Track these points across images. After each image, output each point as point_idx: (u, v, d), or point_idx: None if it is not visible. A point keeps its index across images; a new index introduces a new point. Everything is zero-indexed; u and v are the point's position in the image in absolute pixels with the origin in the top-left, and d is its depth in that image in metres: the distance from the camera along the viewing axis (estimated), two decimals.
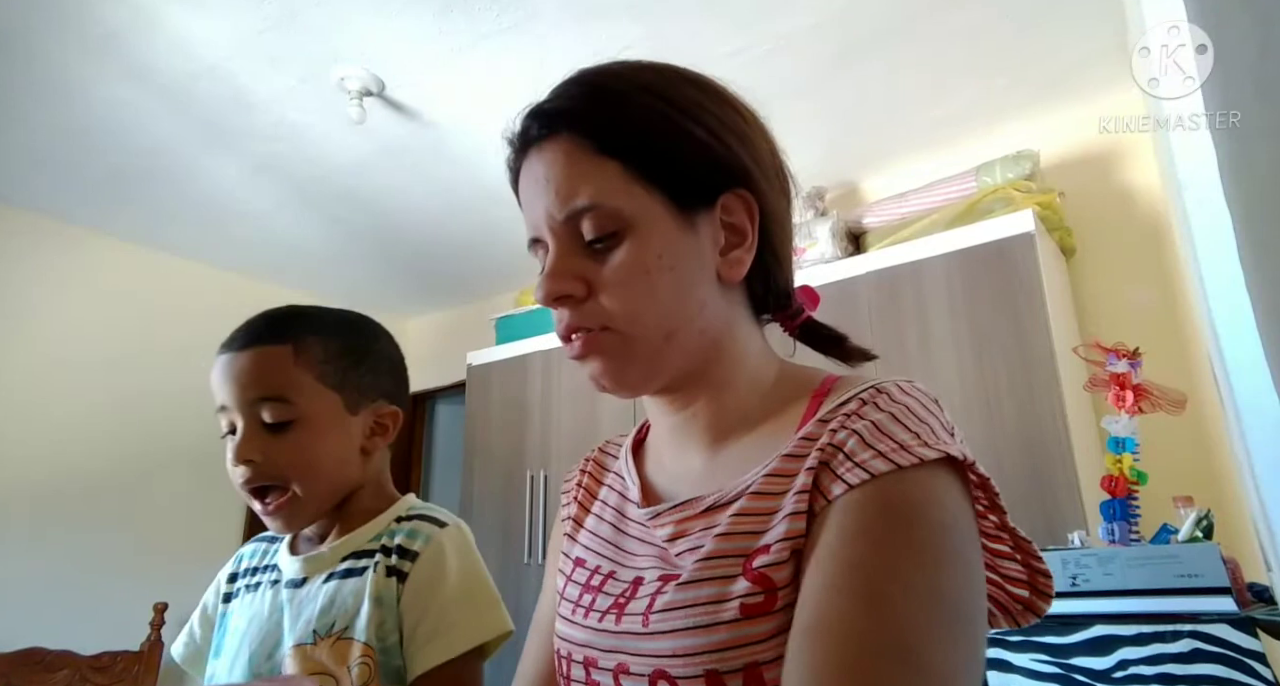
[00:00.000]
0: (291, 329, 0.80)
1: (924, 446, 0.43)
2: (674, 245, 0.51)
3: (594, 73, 0.55)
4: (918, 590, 0.39)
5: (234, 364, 0.78)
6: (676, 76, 0.55)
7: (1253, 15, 0.50)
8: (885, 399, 0.47)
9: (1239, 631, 1.02)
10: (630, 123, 0.52)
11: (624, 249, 0.51)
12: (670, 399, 0.57)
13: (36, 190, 2.61)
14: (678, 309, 0.52)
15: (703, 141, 0.52)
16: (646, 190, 0.51)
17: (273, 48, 1.95)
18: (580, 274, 0.51)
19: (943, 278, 2.02)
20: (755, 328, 0.59)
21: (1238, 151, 0.58)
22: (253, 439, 0.76)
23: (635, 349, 0.52)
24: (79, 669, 2.32)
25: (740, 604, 0.44)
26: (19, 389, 2.63)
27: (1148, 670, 1.05)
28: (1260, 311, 0.57)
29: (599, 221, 0.51)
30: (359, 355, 0.84)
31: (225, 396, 0.78)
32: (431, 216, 2.89)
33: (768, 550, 0.45)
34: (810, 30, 1.93)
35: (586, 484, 0.67)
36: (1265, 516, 0.90)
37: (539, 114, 0.54)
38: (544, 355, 2.83)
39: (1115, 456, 1.33)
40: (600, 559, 0.58)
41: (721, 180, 0.53)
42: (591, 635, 0.52)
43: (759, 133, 0.57)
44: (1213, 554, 1.09)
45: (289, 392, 0.77)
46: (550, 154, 0.53)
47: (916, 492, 0.42)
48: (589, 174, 0.51)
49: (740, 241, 0.54)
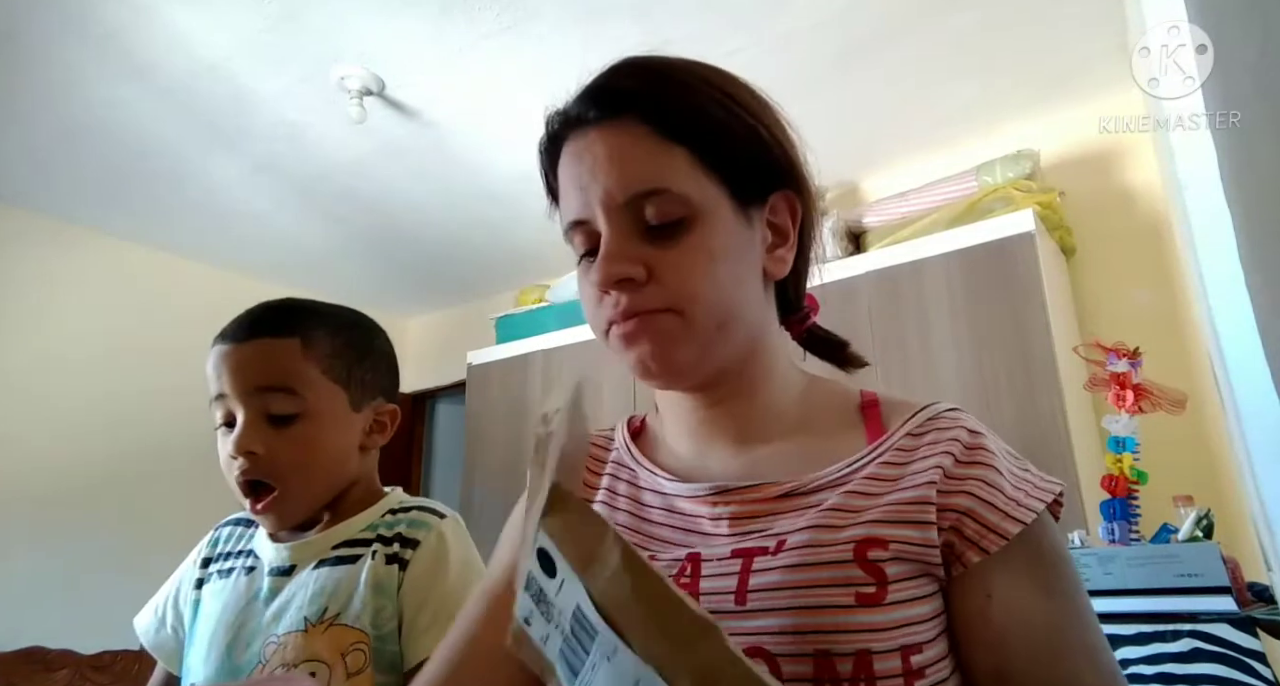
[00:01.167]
0: (299, 321, 0.79)
1: (1030, 498, 0.51)
2: (734, 237, 0.52)
3: (655, 60, 0.55)
4: (1091, 625, 0.49)
5: (239, 353, 0.76)
6: (727, 73, 0.57)
7: (1253, 15, 0.50)
8: (982, 438, 0.53)
9: (1239, 631, 1.02)
10: (700, 112, 0.52)
11: (692, 236, 0.50)
12: (704, 394, 0.57)
13: (36, 190, 2.61)
14: (732, 300, 0.52)
15: (764, 139, 0.54)
16: (712, 180, 0.52)
17: (273, 47, 1.95)
18: (640, 257, 0.50)
19: (943, 277, 2.02)
20: (782, 329, 0.61)
21: (1238, 151, 0.58)
22: (255, 430, 0.74)
23: (691, 332, 0.51)
24: (79, 668, 2.33)
25: (856, 592, 0.46)
26: (19, 388, 2.63)
27: (1147, 669, 1.05)
28: (1260, 311, 0.57)
29: (666, 206, 0.50)
30: (362, 351, 0.83)
31: (226, 386, 0.75)
32: (431, 216, 2.89)
33: (884, 545, 0.48)
34: (810, 30, 1.93)
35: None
36: (1265, 516, 0.90)
37: (603, 93, 0.54)
38: (544, 355, 2.83)
39: (1115, 456, 1.33)
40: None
41: (774, 179, 0.55)
42: None
43: (798, 137, 0.59)
44: (1213, 553, 1.09)
45: (297, 385, 0.76)
46: (615, 135, 0.52)
47: (1056, 536, 0.52)
48: (658, 158, 0.51)
49: (783, 241, 0.56)
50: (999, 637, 0.47)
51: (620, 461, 0.64)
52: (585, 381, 0.49)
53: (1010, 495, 0.50)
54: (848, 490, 0.51)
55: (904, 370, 1.98)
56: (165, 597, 0.85)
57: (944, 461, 0.50)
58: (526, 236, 2.98)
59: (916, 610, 0.47)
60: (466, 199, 2.75)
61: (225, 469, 0.76)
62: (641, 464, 0.62)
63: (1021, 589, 0.48)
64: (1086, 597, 0.50)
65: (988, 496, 0.49)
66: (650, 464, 0.61)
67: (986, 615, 0.48)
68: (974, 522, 0.49)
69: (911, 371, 1.97)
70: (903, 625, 0.46)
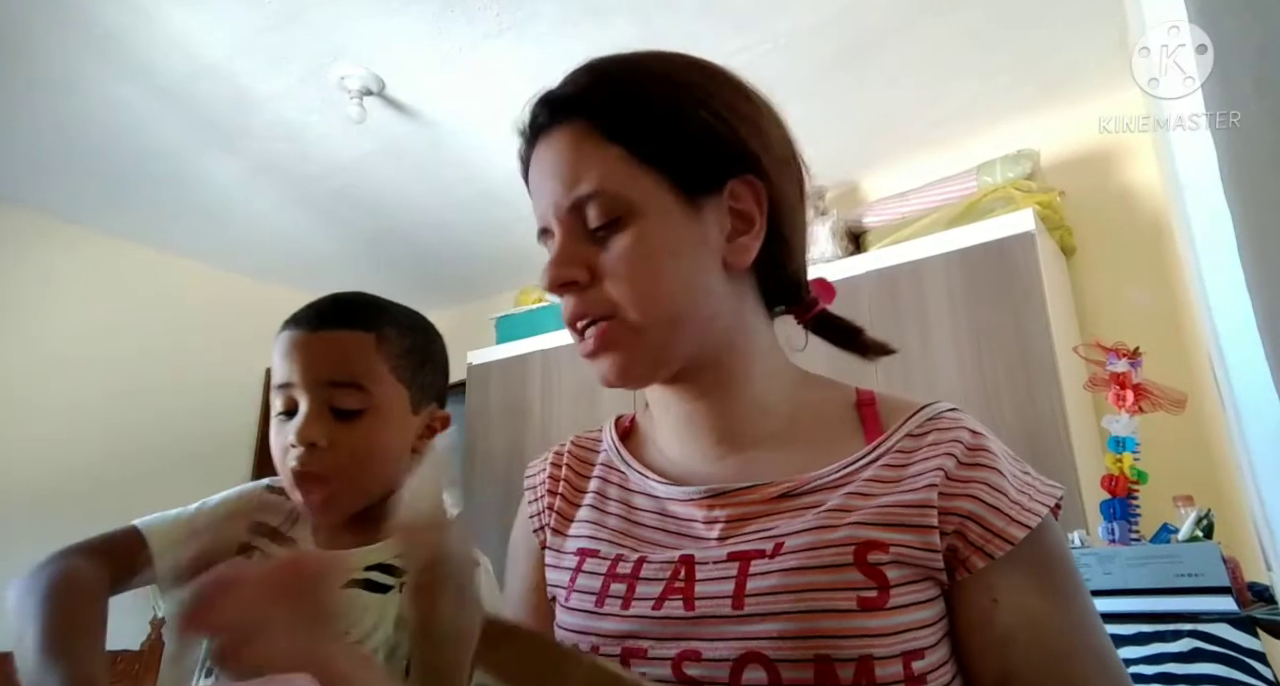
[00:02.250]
0: (374, 317, 0.78)
1: (1034, 502, 0.50)
2: (677, 231, 0.51)
3: (602, 60, 0.55)
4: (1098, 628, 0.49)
5: (311, 343, 0.74)
6: (683, 62, 0.55)
7: (1253, 15, 0.50)
8: (982, 437, 0.52)
9: (1239, 631, 1.02)
10: (634, 107, 0.51)
11: (627, 235, 0.50)
12: (681, 388, 0.56)
13: (36, 190, 2.61)
14: (683, 295, 0.51)
15: (708, 125, 0.52)
16: (651, 175, 0.51)
17: (273, 47, 1.95)
18: (585, 260, 0.51)
19: (943, 277, 2.02)
20: (766, 320, 0.58)
21: (1238, 151, 0.58)
22: (318, 422, 0.72)
23: (643, 338, 0.51)
24: None
25: (858, 596, 0.45)
26: (18, 388, 2.63)
27: (1148, 669, 1.05)
28: (1260, 311, 0.57)
29: (603, 208, 0.50)
30: (425, 355, 0.81)
31: (293, 375, 0.73)
32: (431, 216, 2.89)
33: (884, 548, 0.47)
34: (810, 30, 1.93)
35: (567, 476, 0.65)
36: (1265, 516, 0.90)
37: (546, 101, 0.54)
38: (544, 355, 2.83)
39: (1115, 456, 1.33)
40: (617, 548, 0.56)
41: (729, 165, 0.53)
42: (638, 624, 0.50)
43: (769, 119, 0.56)
44: (1213, 553, 1.09)
45: (367, 381, 0.74)
46: (558, 141, 0.53)
47: (1059, 535, 0.51)
48: (593, 160, 0.51)
49: (747, 228, 0.53)
50: (1005, 641, 0.46)
51: (609, 463, 0.63)
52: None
53: (1014, 499, 0.49)
54: (849, 491, 0.50)
55: (904, 370, 1.98)
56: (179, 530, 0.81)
57: (946, 463, 0.50)
58: (526, 236, 2.94)
59: (919, 615, 0.46)
60: (466, 199, 2.74)
61: (278, 457, 0.74)
62: (631, 466, 0.61)
63: (1027, 592, 0.47)
64: (1090, 600, 0.50)
65: (992, 500, 0.48)
66: (640, 466, 0.60)
67: (992, 619, 0.47)
68: (979, 527, 0.48)
69: (911, 371, 1.97)
70: (905, 630, 0.45)
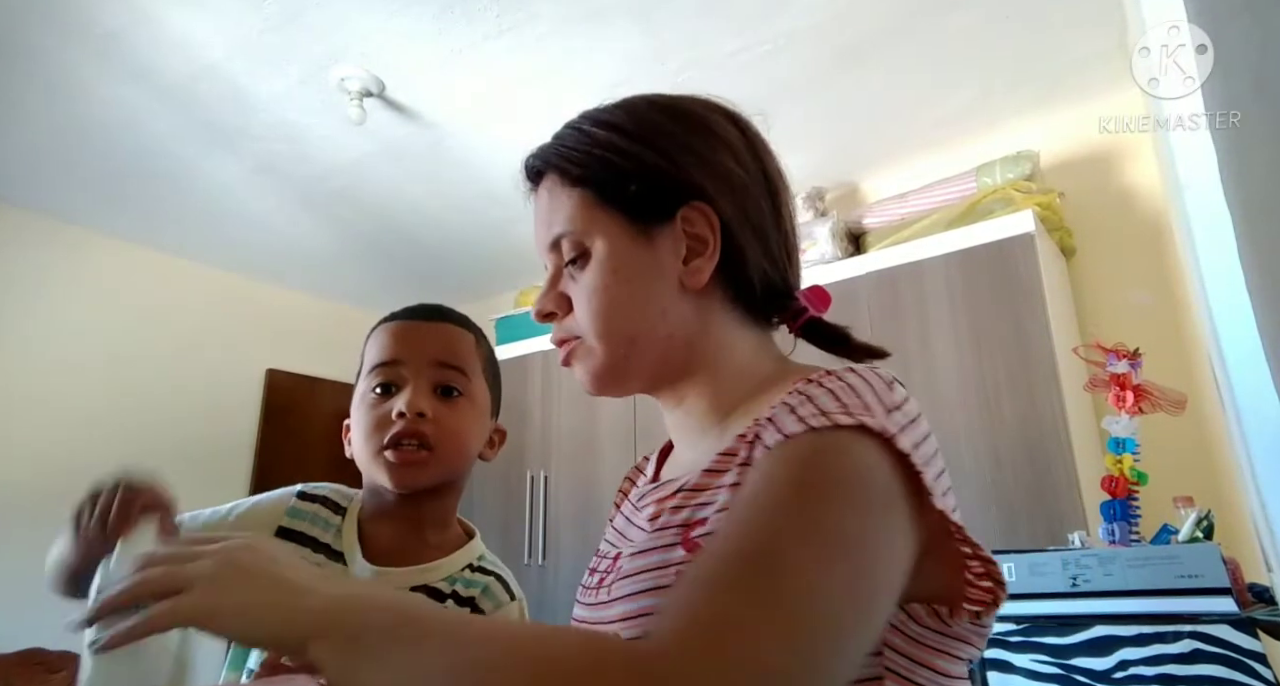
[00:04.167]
0: (470, 323, 0.88)
1: (844, 414, 0.43)
2: (630, 260, 0.56)
3: (574, 118, 0.62)
4: (786, 510, 0.39)
5: (425, 330, 0.83)
6: (644, 105, 0.61)
7: (1253, 15, 0.50)
8: (832, 378, 0.47)
9: (1239, 632, 1.02)
10: (587, 155, 0.58)
11: (589, 268, 0.57)
12: (664, 397, 0.62)
13: (36, 190, 2.61)
14: (638, 317, 0.56)
15: (649, 163, 0.57)
16: (606, 213, 0.57)
17: (273, 48, 1.95)
18: (561, 293, 0.59)
19: (943, 278, 2.02)
20: (743, 328, 0.60)
21: (1238, 151, 0.58)
22: (425, 396, 0.79)
23: (602, 357, 0.57)
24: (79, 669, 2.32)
25: (676, 571, 0.47)
26: (19, 388, 2.63)
27: (1148, 670, 1.05)
28: (1260, 311, 0.57)
29: (570, 244, 0.58)
30: (497, 370, 0.91)
31: (404, 354, 0.81)
32: (431, 217, 2.89)
33: (705, 522, 0.48)
34: (810, 30, 1.93)
35: (625, 487, 0.72)
36: (1265, 516, 0.90)
37: (533, 156, 0.63)
38: (544, 355, 2.83)
39: (1115, 456, 1.33)
40: (609, 546, 0.62)
41: (676, 195, 0.57)
42: (587, 611, 0.57)
43: (730, 145, 0.59)
44: (1213, 554, 1.09)
45: (469, 370, 0.83)
46: (541, 191, 0.61)
47: (820, 445, 0.42)
48: (560, 204, 0.58)
49: (703, 250, 0.57)
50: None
51: (647, 470, 0.69)
52: None
53: (820, 407, 0.44)
54: (704, 470, 0.52)
55: (904, 371, 1.98)
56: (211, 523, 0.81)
57: (771, 413, 0.47)
58: (526, 237, 2.93)
59: None
60: (466, 199, 2.75)
61: (369, 431, 0.78)
62: (649, 470, 0.67)
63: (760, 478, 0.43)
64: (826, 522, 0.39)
65: (795, 403, 0.46)
66: (654, 468, 0.66)
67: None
68: (772, 428, 0.45)
69: (911, 372, 1.97)
70: None
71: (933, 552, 0.44)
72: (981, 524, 1.74)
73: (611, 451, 2.52)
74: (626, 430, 2.50)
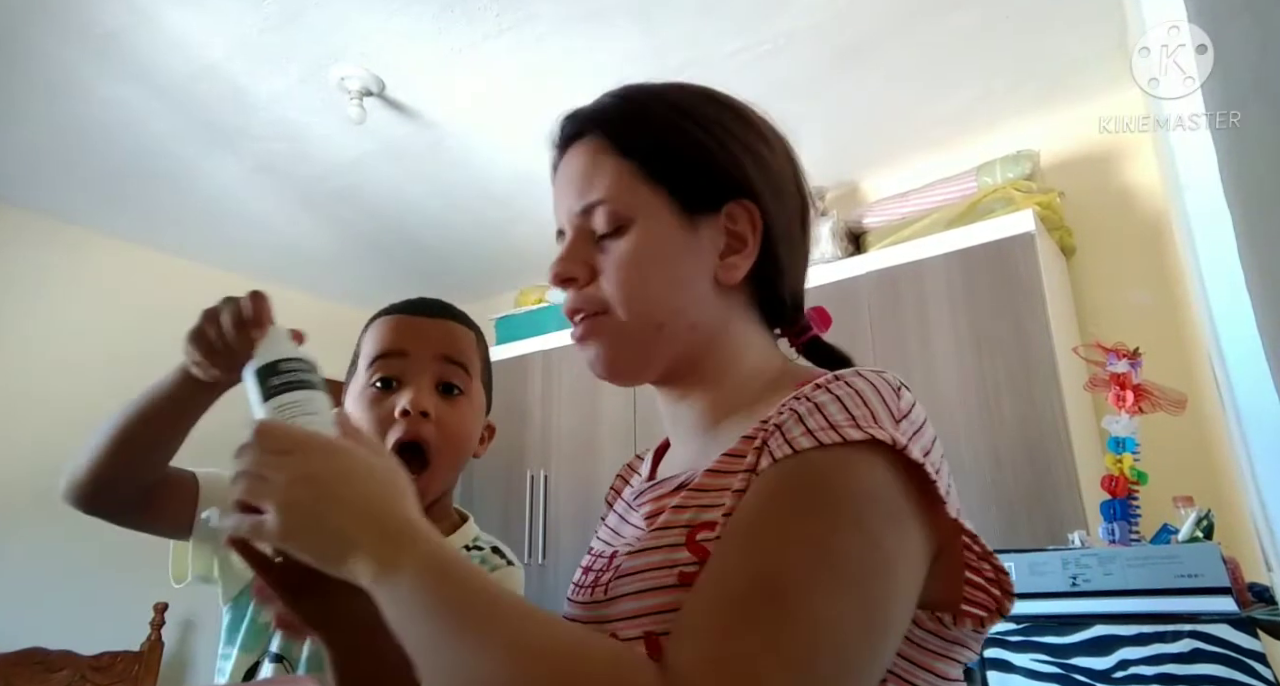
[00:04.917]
0: (470, 321, 0.87)
1: (854, 428, 0.42)
2: (671, 243, 0.56)
3: (628, 86, 0.61)
4: (797, 539, 0.39)
5: (429, 325, 0.82)
6: (701, 94, 0.60)
7: (1253, 15, 0.50)
8: (840, 384, 0.46)
9: (1239, 631, 1.02)
10: (646, 128, 0.57)
11: (625, 241, 0.55)
12: (668, 389, 0.61)
13: (36, 190, 2.61)
14: (668, 301, 0.55)
15: (711, 152, 0.56)
16: (655, 191, 0.56)
17: (273, 47, 1.95)
18: (586, 260, 0.57)
19: (943, 278, 2.02)
20: (759, 331, 0.61)
21: (1238, 151, 0.58)
22: (429, 394, 0.78)
23: (628, 335, 0.55)
24: (79, 669, 2.33)
25: (679, 572, 0.46)
26: (19, 388, 2.63)
27: (1148, 670, 1.05)
28: (1260, 311, 0.57)
29: (608, 215, 0.56)
30: (490, 369, 0.91)
31: (408, 346, 0.79)
32: (431, 216, 2.89)
33: (711, 526, 0.47)
34: (810, 30, 1.93)
35: (617, 485, 0.72)
36: (1265, 516, 0.90)
37: (572, 116, 0.60)
38: (544, 355, 2.83)
39: (1115, 456, 1.33)
40: (603, 544, 0.62)
41: (727, 189, 0.57)
42: (579, 610, 0.56)
43: (779, 153, 0.60)
44: (1213, 554, 1.09)
45: (470, 367, 0.83)
46: (578, 153, 0.59)
47: (829, 464, 0.42)
48: (605, 171, 0.56)
49: (740, 248, 0.57)
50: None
51: (641, 469, 0.69)
52: None
53: (830, 419, 0.43)
54: (707, 471, 0.51)
55: (904, 370, 1.98)
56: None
57: (778, 418, 0.47)
58: (526, 236, 2.97)
59: None
60: (466, 199, 2.74)
61: (375, 429, 0.77)
62: (647, 468, 0.66)
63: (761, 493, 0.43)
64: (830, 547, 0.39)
65: (804, 411, 0.45)
66: (650, 467, 0.65)
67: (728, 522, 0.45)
68: (779, 436, 0.44)
69: (911, 372, 1.97)
70: None
71: (939, 559, 0.44)
72: (981, 524, 1.72)
73: (611, 451, 2.52)
74: (626, 430, 2.50)
